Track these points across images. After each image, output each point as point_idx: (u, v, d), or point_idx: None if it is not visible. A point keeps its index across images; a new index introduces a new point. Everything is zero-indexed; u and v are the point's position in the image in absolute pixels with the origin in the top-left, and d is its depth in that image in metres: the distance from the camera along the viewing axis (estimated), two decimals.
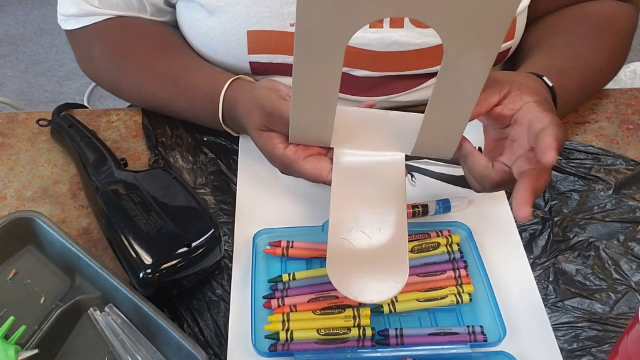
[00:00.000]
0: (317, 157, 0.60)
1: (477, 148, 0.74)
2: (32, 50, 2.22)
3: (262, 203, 0.67)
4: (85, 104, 1.95)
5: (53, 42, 2.24)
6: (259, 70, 0.72)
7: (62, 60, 2.17)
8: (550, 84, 0.61)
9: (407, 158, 0.72)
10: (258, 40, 0.69)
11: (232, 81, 0.67)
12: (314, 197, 0.68)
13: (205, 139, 0.73)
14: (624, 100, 0.80)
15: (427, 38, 0.69)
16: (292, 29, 0.68)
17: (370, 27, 0.68)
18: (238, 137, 0.73)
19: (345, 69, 0.71)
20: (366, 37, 0.68)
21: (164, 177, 0.63)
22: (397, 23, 0.68)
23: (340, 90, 0.73)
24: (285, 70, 0.72)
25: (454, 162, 0.71)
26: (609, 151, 0.73)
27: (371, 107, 0.62)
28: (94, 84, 2.02)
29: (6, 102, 1.65)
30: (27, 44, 2.25)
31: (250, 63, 0.71)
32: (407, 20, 0.68)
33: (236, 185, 0.69)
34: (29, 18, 2.35)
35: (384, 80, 0.73)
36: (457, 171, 0.71)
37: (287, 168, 0.61)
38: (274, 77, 0.73)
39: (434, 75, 0.74)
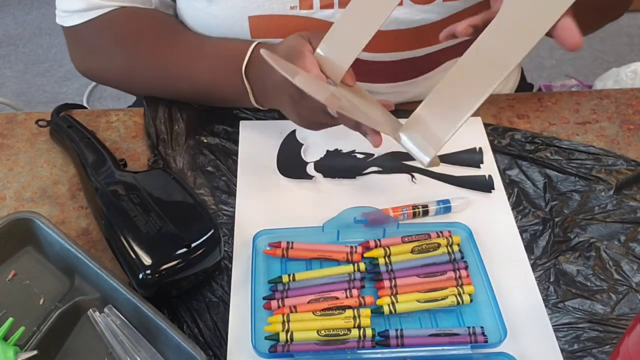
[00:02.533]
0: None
1: (477, 148, 0.74)
2: (31, 50, 2.22)
3: (262, 203, 0.67)
4: (85, 104, 1.95)
5: (52, 42, 2.24)
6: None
7: (61, 60, 2.16)
8: None
9: (408, 158, 0.72)
10: (259, 25, 0.69)
11: (258, 43, 0.67)
12: (314, 197, 0.68)
13: (204, 140, 0.73)
14: (624, 101, 0.80)
15: (427, 14, 0.69)
16: (293, 12, 0.68)
17: None
18: (237, 138, 0.73)
19: None
20: None
21: (163, 178, 0.63)
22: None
23: None
24: None
25: (455, 162, 0.71)
26: (609, 151, 0.72)
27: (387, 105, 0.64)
28: (93, 85, 2.02)
29: (5, 103, 1.65)
30: (26, 44, 2.24)
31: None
32: None
33: (236, 186, 0.69)
34: (28, 18, 2.35)
35: (387, 65, 0.73)
36: (457, 171, 0.70)
37: (295, 53, 0.60)
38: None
39: (436, 64, 0.74)
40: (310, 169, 0.70)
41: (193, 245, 0.56)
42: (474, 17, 0.57)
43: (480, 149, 0.73)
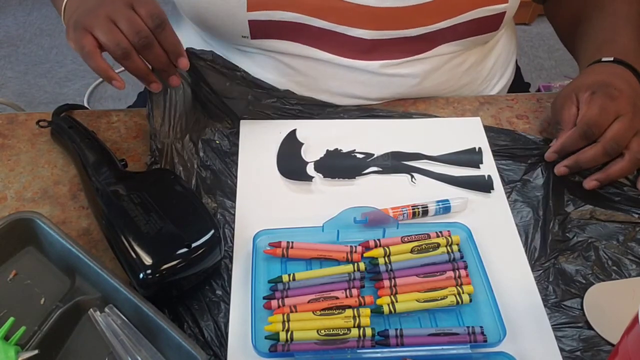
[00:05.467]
0: None
1: (476, 149, 0.74)
2: (31, 51, 2.22)
3: (262, 203, 0.67)
4: (85, 105, 1.95)
5: (53, 43, 2.24)
6: (258, 30, 0.72)
7: (62, 61, 2.16)
8: (611, 58, 0.69)
9: (408, 158, 0.72)
10: None
11: None
12: (313, 197, 0.68)
13: (205, 140, 0.73)
14: None
15: None
16: None
17: None
18: (237, 137, 0.73)
19: (342, 28, 0.71)
20: None
21: (163, 178, 0.63)
22: None
23: (336, 52, 0.73)
24: (284, 29, 0.72)
25: (454, 162, 0.71)
26: None
27: None
28: (93, 85, 2.02)
29: (6, 103, 1.65)
30: (26, 45, 2.24)
31: (249, 21, 0.71)
32: None
33: (236, 186, 0.69)
34: (28, 19, 2.35)
35: (381, 42, 0.73)
36: (457, 171, 0.71)
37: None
38: (272, 40, 0.73)
39: (430, 45, 0.74)
40: (310, 169, 0.70)
41: (193, 245, 0.56)
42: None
43: (479, 149, 0.73)
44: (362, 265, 0.60)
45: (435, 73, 0.77)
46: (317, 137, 0.73)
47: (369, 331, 0.55)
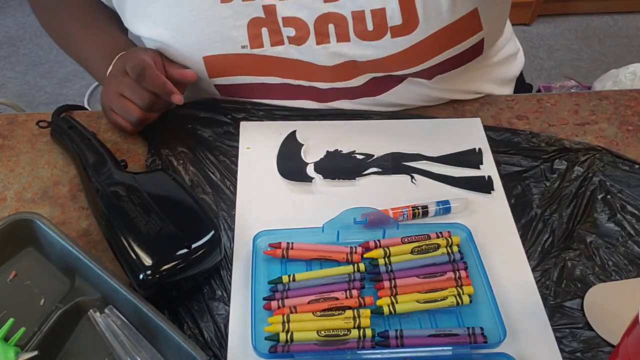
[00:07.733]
0: None
1: (476, 149, 0.74)
2: (31, 51, 2.22)
3: (262, 204, 0.67)
4: (85, 106, 1.95)
5: (52, 44, 2.22)
6: (225, 91, 0.74)
7: (62, 61, 2.16)
8: None
9: (408, 159, 0.72)
10: (215, 65, 0.71)
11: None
12: (313, 198, 0.68)
13: (205, 140, 0.73)
14: (623, 102, 0.80)
15: (377, 50, 0.67)
16: (245, 50, 0.69)
17: (317, 44, 0.68)
18: (238, 138, 0.73)
19: (308, 83, 0.72)
20: (315, 53, 0.69)
21: (163, 178, 0.63)
22: (342, 37, 0.67)
23: (312, 99, 0.75)
24: (249, 90, 0.73)
25: (454, 163, 0.71)
26: (610, 150, 0.72)
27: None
28: (94, 86, 2.02)
29: (6, 104, 1.65)
30: (26, 45, 2.24)
31: (215, 86, 0.73)
32: (352, 34, 0.67)
33: (236, 186, 0.69)
34: (28, 19, 2.35)
35: (355, 88, 0.73)
36: (457, 172, 0.71)
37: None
38: (242, 96, 0.75)
39: (402, 79, 0.74)
40: (310, 170, 0.70)
41: (194, 246, 0.56)
42: None
43: (479, 149, 0.73)
44: (362, 266, 0.60)
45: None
46: (317, 138, 0.73)
47: (369, 332, 0.55)
